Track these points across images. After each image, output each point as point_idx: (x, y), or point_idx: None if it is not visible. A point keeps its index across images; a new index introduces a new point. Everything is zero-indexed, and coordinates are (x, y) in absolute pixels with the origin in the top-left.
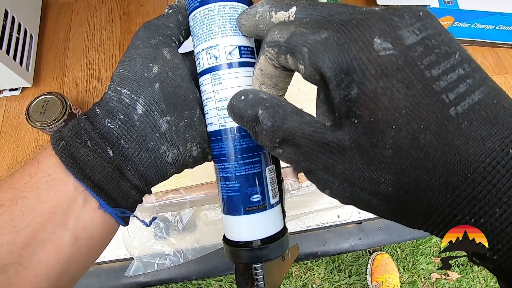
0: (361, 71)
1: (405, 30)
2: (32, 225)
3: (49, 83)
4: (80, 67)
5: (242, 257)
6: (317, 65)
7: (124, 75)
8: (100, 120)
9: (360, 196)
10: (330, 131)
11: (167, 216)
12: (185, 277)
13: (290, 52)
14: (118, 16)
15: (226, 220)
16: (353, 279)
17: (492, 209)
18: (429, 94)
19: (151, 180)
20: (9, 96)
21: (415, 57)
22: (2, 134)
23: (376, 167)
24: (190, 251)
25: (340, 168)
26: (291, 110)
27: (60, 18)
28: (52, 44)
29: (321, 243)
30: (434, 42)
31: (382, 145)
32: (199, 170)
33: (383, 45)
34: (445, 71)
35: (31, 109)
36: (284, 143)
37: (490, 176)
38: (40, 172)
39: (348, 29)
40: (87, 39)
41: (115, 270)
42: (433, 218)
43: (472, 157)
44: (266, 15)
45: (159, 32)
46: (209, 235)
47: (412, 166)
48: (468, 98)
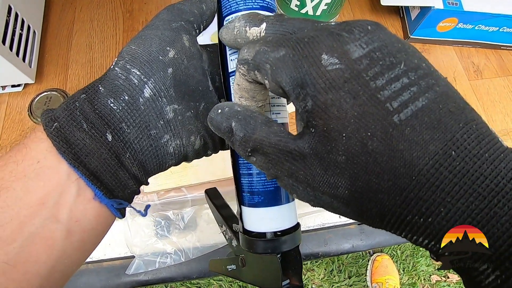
0: (312, 85)
1: (352, 44)
2: (18, 218)
3: (51, 79)
4: (83, 64)
5: (290, 242)
6: (277, 80)
7: (136, 53)
8: (101, 99)
9: (322, 199)
10: (293, 140)
11: (168, 214)
12: (186, 276)
13: (257, 68)
14: (122, 13)
15: (262, 214)
16: (353, 280)
17: (437, 208)
18: (374, 103)
19: (149, 170)
20: (12, 92)
21: (360, 69)
22: (4, 130)
23: (333, 172)
24: (191, 249)
25: (302, 174)
26: (261, 121)
27: (64, 15)
28: (55, 41)
29: (322, 244)
30: (379, 54)
31: (336, 152)
32: (202, 169)
33: (330, 61)
34: (389, 81)
35: (34, 105)
36: (255, 152)
37: (434, 178)
38: (28, 159)
39: (301, 46)
40: (90, 36)
41: (116, 268)
42: (387, 218)
43: (416, 161)
44: (242, 30)
45: (182, 16)
46: (210, 234)
47: (363, 170)
48: (411, 105)
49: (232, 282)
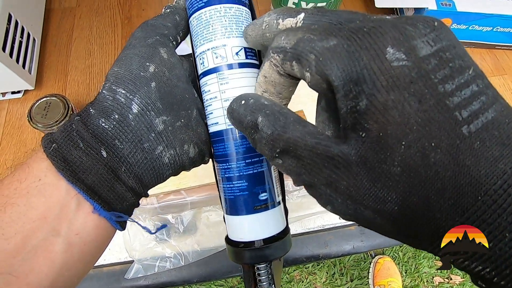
0: (371, 82)
1: (419, 40)
2: (22, 232)
3: (51, 86)
4: (82, 70)
5: (251, 257)
6: (324, 73)
7: (119, 74)
8: (93, 120)
9: (364, 214)
10: (334, 143)
11: (168, 217)
12: (186, 280)
13: (296, 58)
14: (120, 20)
15: (230, 221)
16: (355, 283)
17: (501, 233)
18: (442, 110)
19: (147, 182)
20: (12, 99)
21: (428, 70)
22: (4, 137)
23: (383, 185)
24: (191, 253)
25: (344, 184)
26: (293, 119)
27: (63, 22)
28: (54, 48)
29: (323, 245)
30: (449, 55)
31: (390, 162)
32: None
33: (396, 55)
34: (459, 87)
35: (33, 111)
36: (285, 154)
37: (501, 199)
38: (31, 177)
39: (359, 37)
40: (89, 43)
41: (115, 273)
42: (440, 241)
43: (484, 179)
44: (273, 23)
45: (156, 31)
46: (210, 237)
47: (420, 185)
48: (482, 117)
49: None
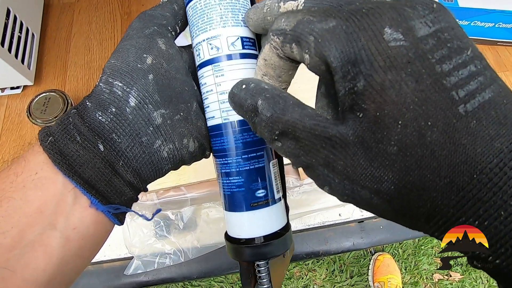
0: (369, 62)
1: (417, 21)
2: (18, 226)
3: (50, 81)
4: (82, 66)
5: (250, 254)
6: (323, 55)
7: (116, 66)
8: (90, 113)
9: (360, 194)
10: (332, 124)
11: (168, 214)
12: (186, 276)
13: (296, 40)
14: (120, 15)
15: (228, 217)
16: (355, 280)
17: (497, 211)
18: (439, 89)
19: (145, 176)
20: (11, 94)
21: (426, 50)
22: (3, 132)
23: (379, 164)
24: (191, 250)
25: (341, 164)
26: (293, 101)
27: (62, 17)
28: (53, 43)
29: (323, 242)
30: (447, 36)
31: (387, 141)
32: (202, 167)
33: (393, 36)
34: (456, 67)
35: (33, 106)
36: (284, 136)
37: (497, 178)
38: (27, 171)
39: (358, 18)
40: (89, 38)
41: (115, 269)
42: (436, 219)
43: (479, 158)
44: (274, 6)
45: (153, 22)
46: (210, 234)
47: (417, 164)
48: (479, 96)
49: (233, 284)
